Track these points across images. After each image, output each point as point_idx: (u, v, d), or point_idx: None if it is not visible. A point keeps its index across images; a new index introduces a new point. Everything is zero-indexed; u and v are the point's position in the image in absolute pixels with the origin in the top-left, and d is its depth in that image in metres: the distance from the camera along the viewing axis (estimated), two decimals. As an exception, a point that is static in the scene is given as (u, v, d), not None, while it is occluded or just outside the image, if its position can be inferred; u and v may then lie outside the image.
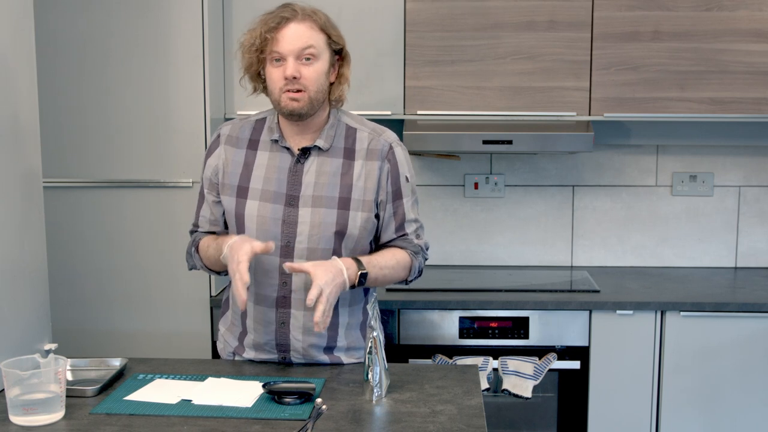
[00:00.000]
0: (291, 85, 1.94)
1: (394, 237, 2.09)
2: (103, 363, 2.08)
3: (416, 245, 2.10)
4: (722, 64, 2.99)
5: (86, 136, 2.85)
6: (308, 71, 1.94)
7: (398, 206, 2.07)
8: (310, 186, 2.01)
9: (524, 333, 2.87)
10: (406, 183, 2.07)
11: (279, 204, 2.01)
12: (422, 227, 2.13)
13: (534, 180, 3.40)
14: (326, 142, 2.02)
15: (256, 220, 2.01)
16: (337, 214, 2.00)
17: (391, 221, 2.07)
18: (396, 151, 2.06)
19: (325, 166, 2.02)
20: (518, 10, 2.99)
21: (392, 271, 2.04)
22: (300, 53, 1.93)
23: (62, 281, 2.83)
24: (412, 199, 2.10)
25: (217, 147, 2.09)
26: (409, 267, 2.09)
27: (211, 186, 2.10)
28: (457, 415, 1.77)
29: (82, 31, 2.81)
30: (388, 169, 2.04)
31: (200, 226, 2.14)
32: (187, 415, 1.76)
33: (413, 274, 2.12)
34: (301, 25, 1.94)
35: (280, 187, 2.01)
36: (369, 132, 2.06)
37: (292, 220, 2.00)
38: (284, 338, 2.05)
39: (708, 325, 2.84)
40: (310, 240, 2.00)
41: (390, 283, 2.08)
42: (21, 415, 1.72)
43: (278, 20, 1.93)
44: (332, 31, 1.99)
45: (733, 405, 2.87)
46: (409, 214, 2.09)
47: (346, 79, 2.03)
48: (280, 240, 2.00)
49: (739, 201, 3.39)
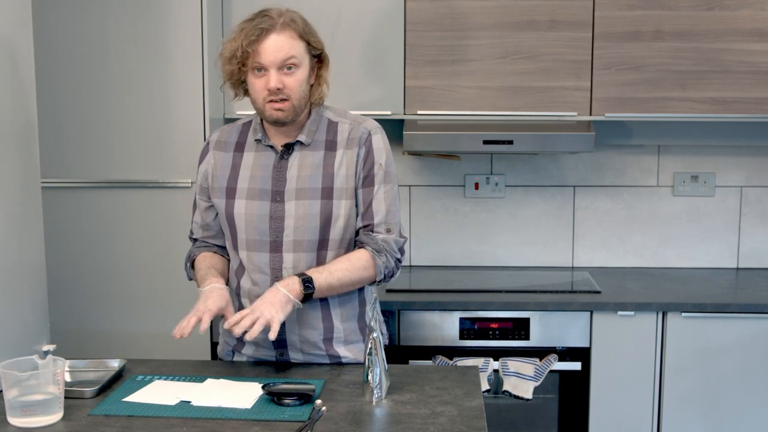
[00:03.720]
0: (275, 96, 1.97)
1: (361, 226, 2.07)
2: (101, 364, 2.07)
3: (380, 242, 2.04)
4: (724, 64, 2.98)
5: (86, 137, 2.85)
6: (290, 81, 1.97)
7: (367, 192, 2.05)
8: (293, 180, 2.04)
9: (525, 334, 2.86)
10: (379, 170, 2.05)
11: (265, 200, 2.05)
12: (396, 222, 2.07)
13: (535, 180, 3.39)
14: (308, 137, 2.06)
15: (245, 218, 2.05)
16: (321, 204, 2.03)
17: (359, 207, 2.06)
18: (374, 138, 2.07)
19: (307, 159, 2.05)
20: (519, 10, 2.98)
21: (347, 273, 2.01)
22: (282, 64, 1.96)
23: (61, 282, 2.83)
24: (385, 188, 2.06)
25: (207, 153, 2.15)
26: (369, 266, 2.03)
27: (202, 191, 2.16)
28: (458, 416, 1.76)
29: (82, 32, 2.81)
30: (364, 155, 2.05)
31: (194, 233, 2.22)
32: (186, 417, 1.76)
33: (380, 274, 2.05)
34: (281, 35, 1.95)
35: (265, 184, 2.05)
36: (350, 123, 2.09)
37: (279, 215, 2.04)
38: (280, 333, 2.03)
39: (709, 326, 2.84)
40: (296, 232, 2.03)
41: (354, 285, 2.05)
42: (19, 416, 1.71)
43: (258, 32, 1.94)
44: (311, 38, 2.01)
45: (735, 406, 2.86)
46: (378, 202, 2.05)
47: (325, 80, 2.06)
48: (269, 236, 2.04)
49: (740, 201, 3.38)
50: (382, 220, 2.06)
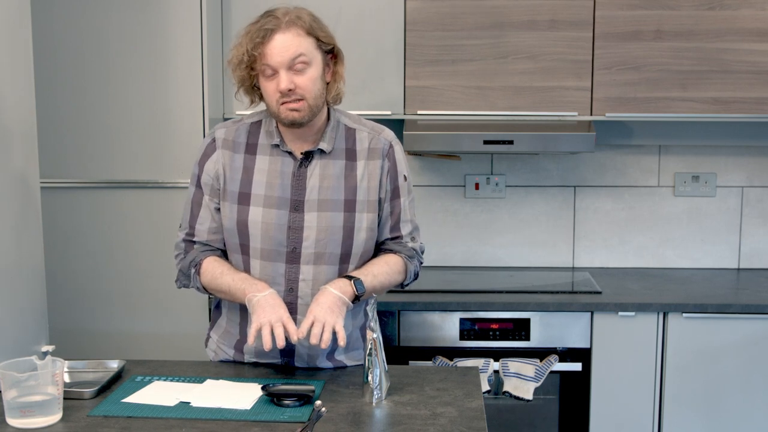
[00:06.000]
0: (288, 97, 1.89)
1: (389, 237, 2.07)
2: (100, 365, 2.06)
3: (410, 249, 2.08)
4: (725, 64, 2.98)
5: (85, 137, 2.84)
6: (302, 80, 1.89)
7: (395, 205, 2.06)
8: (315, 190, 1.98)
9: (525, 335, 2.85)
10: (404, 182, 2.06)
11: (284, 210, 1.97)
12: (418, 229, 2.12)
13: (535, 180, 3.38)
14: (329, 145, 2.00)
15: (261, 227, 1.97)
16: (344, 217, 1.99)
17: (388, 220, 2.06)
18: (395, 150, 2.06)
19: (328, 169, 1.99)
20: (519, 10, 2.98)
21: (387, 277, 2.03)
22: (291, 64, 1.88)
23: (60, 282, 2.82)
24: (409, 198, 2.09)
25: (214, 151, 2.02)
26: (403, 271, 2.07)
27: (213, 192, 2.02)
28: (458, 417, 1.76)
29: (81, 31, 2.80)
30: (389, 168, 2.04)
31: (197, 236, 2.05)
32: (185, 418, 1.75)
33: (409, 278, 2.10)
34: (287, 33, 1.88)
35: (284, 192, 1.98)
36: (368, 131, 2.05)
37: (298, 225, 1.98)
38: (289, 344, 1.99)
39: (711, 327, 2.83)
40: (317, 245, 1.98)
41: (387, 288, 2.08)
42: (18, 417, 1.71)
43: (263, 33, 1.87)
44: (320, 33, 1.93)
45: (736, 407, 2.85)
46: (405, 213, 2.08)
47: (341, 77, 1.99)
48: (286, 246, 1.98)
49: (741, 201, 3.37)
50: (410, 230, 2.09)
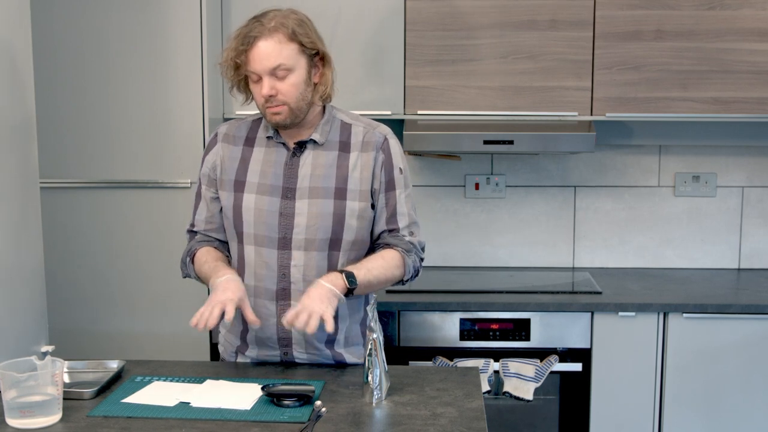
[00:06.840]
0: (270, 102, 1.97)
1: (385, 230, 2.09)
2: (100, 365, 2.06)
3: (407, 243, 2.09)
4: (725, 64, 2.98)
5: (85, 137, 2.84)
6: (284, 86, 1.96)
7: (390, 197, 2.08)
8: (306, 178, 2.04)
9: (525, 335, 2.85)
10: (399, 174, 2.08)
11: (276, 197, 2.04)
12: (416, 224, 2.13)
13: (535, 180, 3.38)
14: (322, 136, 2.06)
15: (254, 213, 2.04)
16: (334, 204, 2.03)
17: (383, 212, 2.08)
18: (390, 143, 2.09)
19: (320, 159, 2.05)
20: (519, 10, 2.97)
21: (383, 271, 2.03)
22: (272, 71, 1.95)
23: (60, 282, 2.82)
24: (405, 192, 2.10)
25: (215, 145, 2.13)
26: (401, 265, 2.07)
27: (209, 182, 2.12)
28: (458, 417, 1.76)
29: (81, 31, 2.80)
30: (383, 160, 2.06)
31: (197, 226, 2.17)
32: (185, 418, 1.75)
33: (408, 273, 2.10)
34: (270, 40, 1.93)
35: (276, 180, 2.05)
36: (364, 126, 2.10)
37: (289, 212, 2.03)
38: (285, 331, 2.05)
39: (711, 327, 2.83)
40: (308, 231, 2.02)
41: (386, 283, 2.07)
42: (18, 417, 1.71)
43: (247, 41, 1.94)
44: (304, 39, 1.97)
45: (737, 407, 2.85)
46: (401, 206, 2.09)
47: (328, 79, 2.03)
48: (278, 232, 2.03)
49: (742, 202, 3.37)
50: (407, 224, 2.10)
